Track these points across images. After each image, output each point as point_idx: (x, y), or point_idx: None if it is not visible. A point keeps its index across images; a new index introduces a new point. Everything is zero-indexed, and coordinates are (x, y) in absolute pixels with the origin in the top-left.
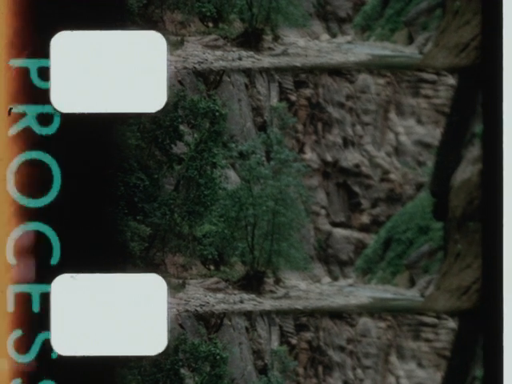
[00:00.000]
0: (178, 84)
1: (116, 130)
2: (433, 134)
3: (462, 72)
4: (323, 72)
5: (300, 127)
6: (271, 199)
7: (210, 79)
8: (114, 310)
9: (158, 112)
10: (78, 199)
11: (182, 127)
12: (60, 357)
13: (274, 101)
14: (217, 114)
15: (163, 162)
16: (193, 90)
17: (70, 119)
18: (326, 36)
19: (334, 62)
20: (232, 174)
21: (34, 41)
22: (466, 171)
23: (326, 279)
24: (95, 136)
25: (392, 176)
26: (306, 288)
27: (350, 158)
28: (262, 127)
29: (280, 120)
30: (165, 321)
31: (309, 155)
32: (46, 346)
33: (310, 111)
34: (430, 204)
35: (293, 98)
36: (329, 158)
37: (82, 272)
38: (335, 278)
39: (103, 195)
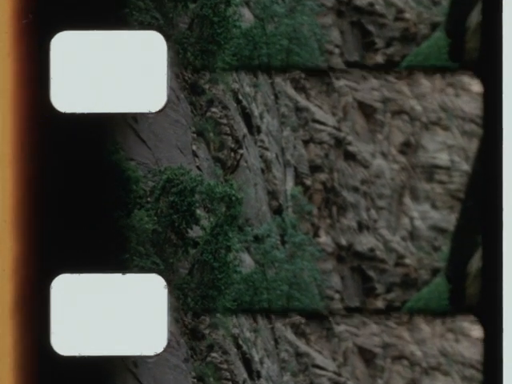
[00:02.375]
0: (195, 168)
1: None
2: (448, 219)
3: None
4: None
5: (315, 211)
6: (285, 283)
7: (227, 164)
8: (114, 310)
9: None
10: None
11: (198, 211)
12: (60, 357)
13: (290, 185)
14: (233, 198)
15: (179, 246)
16: (210, 174)
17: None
18: None
19: None
20: (247, 258)
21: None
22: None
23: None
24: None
25: (407, 261)
26: None
27: (365, 241)
28: (278, 211)
29: (296, 205)
30: (165, 321)
31: (323, 239)
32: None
33: (325, 195)
34: (447, 290)
35: (308, 182)
36: (343, 242)
37: (82, 272)
38: None
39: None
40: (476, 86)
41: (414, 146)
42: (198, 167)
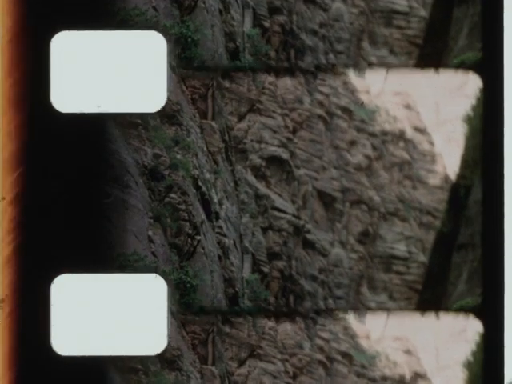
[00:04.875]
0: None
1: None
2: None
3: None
4: None
5: (271, 299)
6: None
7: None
8: (114, 310)
9: None
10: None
11: None
12: (60, 357)
13: (247, 272)
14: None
15: None
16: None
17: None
18: None
19: None
20: None
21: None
22: None
23: None
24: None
25: None
26: None
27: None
28: (233, 298)
29: (252, 293)
30: (165, 321)
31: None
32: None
33: (283, 283)
34: None
35: (265, 269)
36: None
37: (82, 272)
38: None
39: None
40: (433, 179)
41: (372, 236)
42: (153, 253)
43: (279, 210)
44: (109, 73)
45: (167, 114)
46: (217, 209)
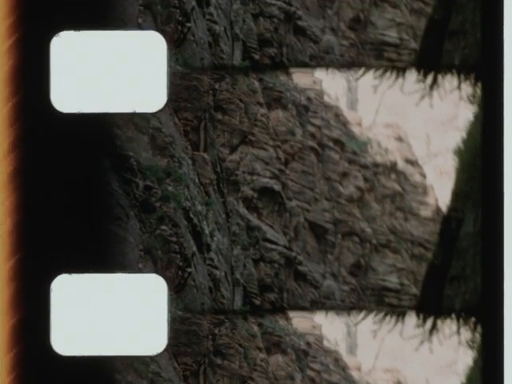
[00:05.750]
0: None
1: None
2: None
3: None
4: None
5: None
6: None
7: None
8: (114, 310)
9: None
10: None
11: None
12: (60, 357)
13: (238, 304)
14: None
15: None
16: None
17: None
18: None
19: None
20: None
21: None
22: None
23: None
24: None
25: None
26: None
27: None
28: None
29: None
30: (165, 321)
31: None
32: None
33: None
34: None
35: (257, 302)
36: None
37: (82, 272)
38: None
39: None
40: (424, 211)
41: (364, 268)
42: None
43: (271, 242)
44: (109, 73)
45: (159, 146)
46: (208, 241)
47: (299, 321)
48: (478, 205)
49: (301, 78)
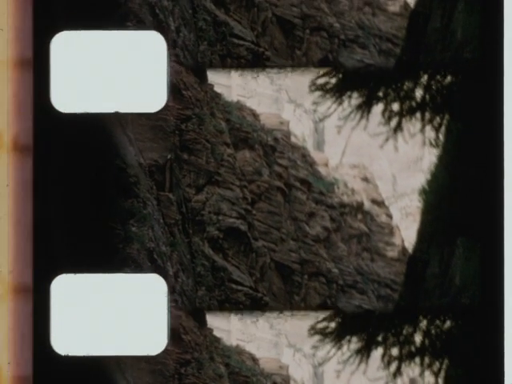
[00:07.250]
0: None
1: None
2: None
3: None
4: None
5: None
6: None
7: None
8: (114, 310)
9: None
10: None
11: None
12: (60, 357)
13: None
14: None
15: None
16: None
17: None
18: None
19: None
20: None
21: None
22: None
23: None
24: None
25: None
26: None
27: None
28: None
29: None
30: (165, 321)
31: None
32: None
33: None
34: None
35: None
36: None
37: (82, 272)
38: None
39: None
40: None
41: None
42: None
43: (236, 283)
44: (109, 73)
45: (123, 187)
46: (172, 282)
47: None
48: (444, 245)
49: (267, 118)
